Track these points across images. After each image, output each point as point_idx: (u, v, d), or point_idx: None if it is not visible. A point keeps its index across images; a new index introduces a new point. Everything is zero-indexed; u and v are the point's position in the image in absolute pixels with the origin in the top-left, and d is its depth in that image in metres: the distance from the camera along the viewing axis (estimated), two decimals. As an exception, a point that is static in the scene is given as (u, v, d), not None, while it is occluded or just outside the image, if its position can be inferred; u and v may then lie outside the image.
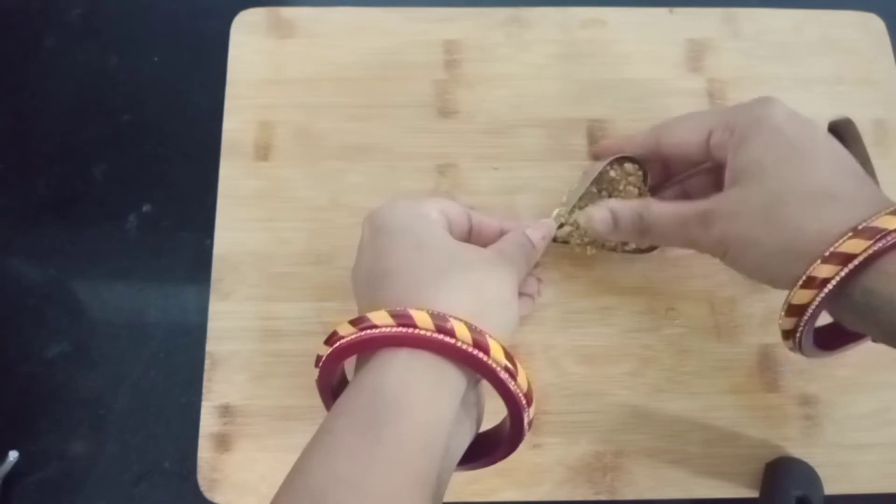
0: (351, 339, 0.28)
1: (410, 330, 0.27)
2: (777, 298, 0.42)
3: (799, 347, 0.32)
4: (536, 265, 0.40)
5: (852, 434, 0.40)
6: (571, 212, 0.40)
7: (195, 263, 0.43)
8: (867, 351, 0.41)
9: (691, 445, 0.40)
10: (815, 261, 0.28)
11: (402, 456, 0.26)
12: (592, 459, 0.39)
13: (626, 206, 0.36)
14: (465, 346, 0.28)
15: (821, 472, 0.39)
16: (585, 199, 0.40)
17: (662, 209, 0.35)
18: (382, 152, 0.44)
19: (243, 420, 0.39)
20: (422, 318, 0.27)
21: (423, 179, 0.44)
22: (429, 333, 0.27)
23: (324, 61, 0.46)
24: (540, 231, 0.36)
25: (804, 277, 0.29)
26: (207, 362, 0.40)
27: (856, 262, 0.27)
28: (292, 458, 0.39)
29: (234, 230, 0.43)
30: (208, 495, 0.38)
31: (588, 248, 0.40)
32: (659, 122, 0.38)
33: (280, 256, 0.42)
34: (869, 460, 0.40)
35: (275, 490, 0.38)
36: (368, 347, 0.29)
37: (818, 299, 0.29)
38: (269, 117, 0.45)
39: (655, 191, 0.41)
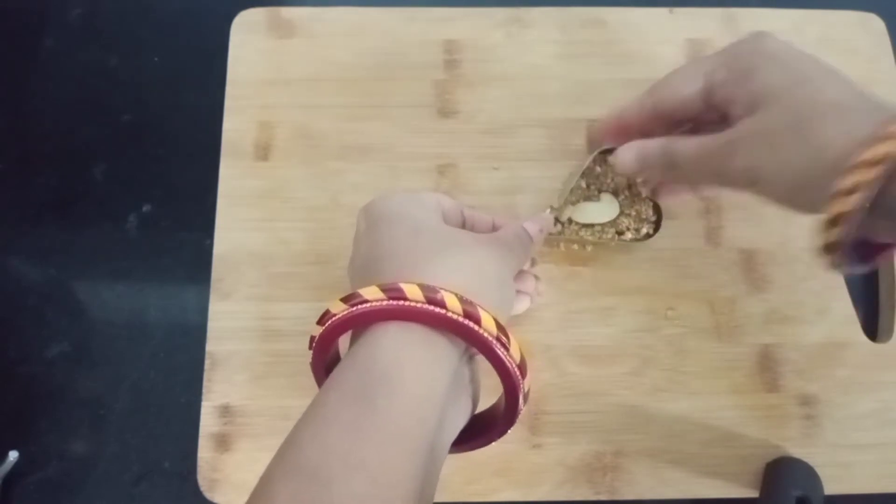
0: (342, 316, 0.28)
1: (401, 302, 0.27)
2: (776, 298, 0.42)
3: (842, 260, 0.30)
4: (533, 262, 0.40)
5: (852, 434, 0.40)
6: (563, 207, 0.40)
7: (195, 263, 0.43)
8: (867, 351, 0.41)
9: (691, 445, 0.40)
10: (849, 169, 0.27)
11: (394, 428, 0.26)
12: (592, 459, 0.39)
13: (652, 143, 0.36)
14: (455, 316, 0.27)
15: (821, 472, 0.39)
16: (575, 195, 0.40)
17: (688, 143, 0.35)
18: (382, 152, 0.44)
19: (243, 420, 0.39)
20: (412, 291, 0.27)
21: (423, 180, 0.44)
22: (419, 305, 0.27)
23: (324, 61, 0.46)
24: (537, 224, 0.36)
25: (844, 185, 0.28)
26: (207, 362, 0.40)
27: (889, 162, 0.26)
28: (292, 458, 0.39)
29: (234, 230, 0.43)
30: (208, 495, 0.38)
31: (587, 244, 0.40)
32: (649, 86, 0.37)
33: (280, 256, 0.42)
34: (869, 460, 0.40)
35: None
36: (360, 323, 0.29)
37: (858, 203, 0.27)
38: (269, 117, 0.45)
39: None
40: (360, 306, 0.28)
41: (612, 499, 0.39)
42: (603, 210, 0.41)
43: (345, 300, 0.29)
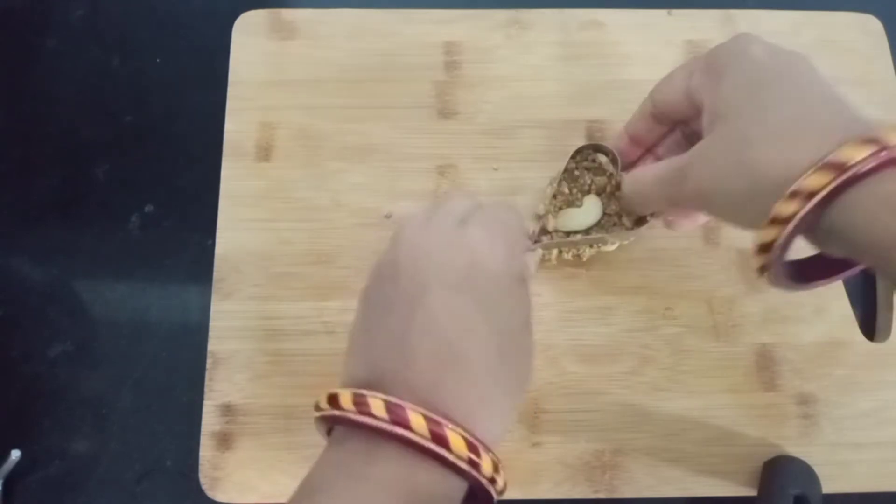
0: (349, 417, 0.27)
1: (405, 433, 0.26)
2: (775, 297, 0.42)
3: (776, 281, 0.31)
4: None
5: (850, 433, 0.41)
6: (548, 214, 0.40)
7: (197, 263, 0.43)
8: (864, 351, 0.42)
9: (690, 444, 0.40)
10: (781, 199, 0.27)
11: None
12: (591, 458, 0.40)
13: (626, 176, 0.37)
14: (457, 462, 0.26)
15: (819, 470, 0.39)
16: (559, 201, 0.40)
17: (648, 171, 0.35)
18: (383, 153, 0.45)
19: (245, 419, 0.40)
20: (417, 423, 0.25)
21: (424, 180, 0.44)
22: (422, 441, 0.25)
23: (325, 63, 0.47)
24: (532, 262, 0.36)
25: (770, 216, 0.28)
26: (209, 361, 0.41)
27: (818, 198, 0.26)
28: (293, 457, 0.39)
29: (236, 230, 0.43)
30: (210, 494, 0.39)
31: (581, 246, 0.40)
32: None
33: (281, 256, 0.42)
34: (866, 459, 0.40)
35: (276, 489, 0.39)
36: (362, 429, 0.27)
37: (783, 236, 0.28)
38: (271, 118, 0.45)
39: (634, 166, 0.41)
40: (365, 418, 0.26)
41: (610, 497, 0.39)
42: (587, 213, 0.40)
43: (355, 401, 0.26)
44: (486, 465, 0.26)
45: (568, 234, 0.40)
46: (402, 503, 0.26)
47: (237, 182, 0.44)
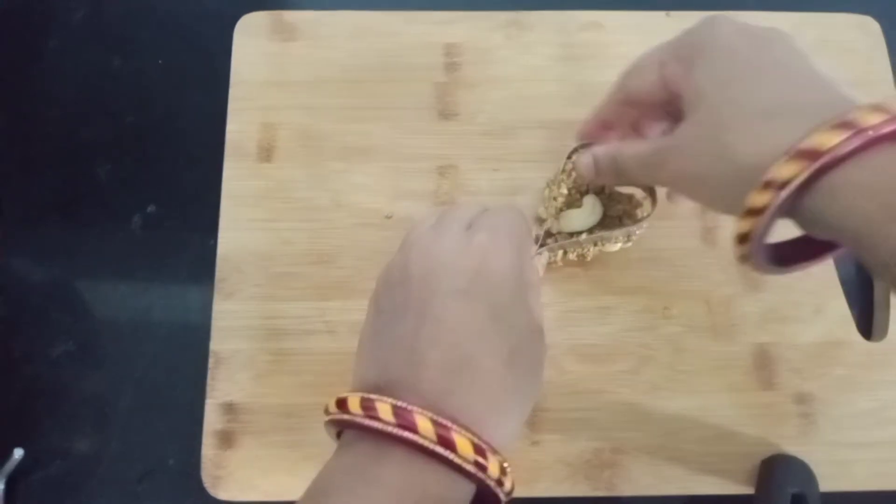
0: (356, 421, 0.27)
1: (412, 436, 0.26)
2: (773, 297, 0.43)
3: (758, 268, 0.31)
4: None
5: (848, 432, 0.41)
6: (550, 217, 0.40)
7: (199, 263, 0.44)
8: (863, 350, 0.42)
9: (688, 443, 0.40)
10: (756, 188, 0.26)
11: None
12: (591, 456, 0.40)
13: (603, 150, 0.36)
14: (464, 464, 0.26)
15: (816, 469, 0.39)
16: (560, 202, 0.41)
17: (630, 150, 0.34)
18: (383, 153, 0.45)
19: (247, 417, 0.40)
20: (424, 427, 0.26)
21: (424, 180, 0.44)
22: (428, 444, 0.26)
23: (326, 63, 0.47)
24: (541, 270, 0.37)
25: (745, 207, 0.27)
26: (211, 361, 0.41)
27: (790, 188, 0.25)
28: (295, 455, 0.40)
29: (238, 230, 0.43)
30: (212, 492, 0.39)
31: (586, 245, 0.41)
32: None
33: (282, 256, 0.43)
34: (865, 458, 0.40)
35: (278, 487, 0.39)
36: (369, 433, 0.27)
37: (759, 227, 0.27)
38: (272, 119, 0.45)
39: None
40: (372, 421, 0.26)
41: (610, 495, 0.39)
42: (588, 213, 0.40)
43: (363, 405, 0.27)
44: (492, 468, 0.26)
45: (571, 235, 0.41)
46: None
47: (239, 182, 0.44)
